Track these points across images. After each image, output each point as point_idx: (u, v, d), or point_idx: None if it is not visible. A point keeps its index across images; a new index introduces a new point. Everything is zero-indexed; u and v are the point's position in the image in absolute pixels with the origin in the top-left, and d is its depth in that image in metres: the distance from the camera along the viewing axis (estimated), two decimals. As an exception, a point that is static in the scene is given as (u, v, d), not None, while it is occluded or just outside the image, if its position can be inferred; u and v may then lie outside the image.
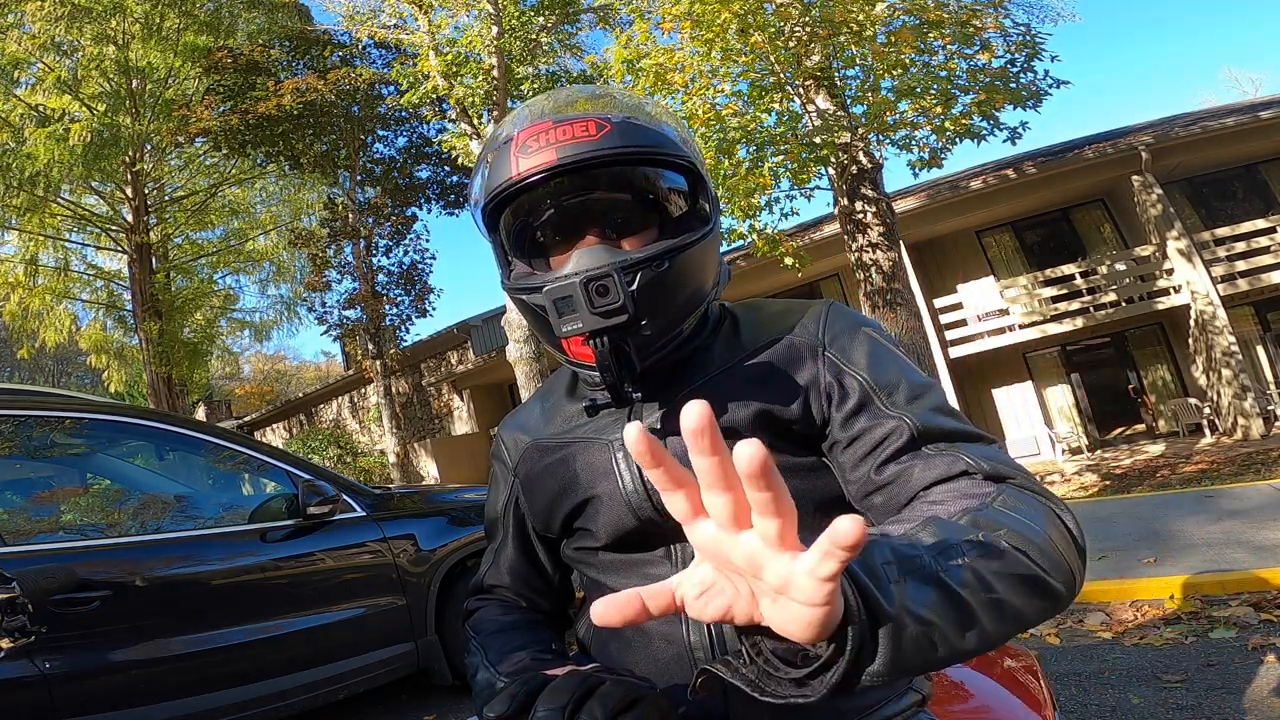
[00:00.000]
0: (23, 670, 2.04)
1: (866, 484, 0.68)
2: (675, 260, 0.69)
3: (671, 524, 0.72)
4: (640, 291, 0.67)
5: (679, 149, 0.72)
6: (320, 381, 24.45)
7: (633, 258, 0.68)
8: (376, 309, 12.37)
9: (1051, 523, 0.57)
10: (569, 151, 0.67)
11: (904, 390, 0.70)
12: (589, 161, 0.67)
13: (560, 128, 0.68)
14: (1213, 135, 9.30)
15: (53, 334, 13.95)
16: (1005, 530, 0.52)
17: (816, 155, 5.96)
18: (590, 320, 0.64)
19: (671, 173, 0.73)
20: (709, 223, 0.74)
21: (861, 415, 0.69)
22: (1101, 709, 2.39)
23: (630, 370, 0.69)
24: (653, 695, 0.58)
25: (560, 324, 0.65)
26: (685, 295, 0.72)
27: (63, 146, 10.16)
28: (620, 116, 0.70)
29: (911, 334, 6.26)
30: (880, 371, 0.71)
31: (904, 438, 0.66)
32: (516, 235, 0.75)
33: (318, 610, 2.72)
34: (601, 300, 0.63)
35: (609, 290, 0.63)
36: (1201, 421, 9.46)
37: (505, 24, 8.30)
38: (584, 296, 0.64)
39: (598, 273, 0.64)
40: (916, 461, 0.65)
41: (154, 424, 2.98)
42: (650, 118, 0.73)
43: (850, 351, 0.73)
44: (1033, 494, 0.60)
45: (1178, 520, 4.73)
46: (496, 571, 0.91)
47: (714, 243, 0.75)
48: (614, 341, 0.66)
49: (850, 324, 0.76)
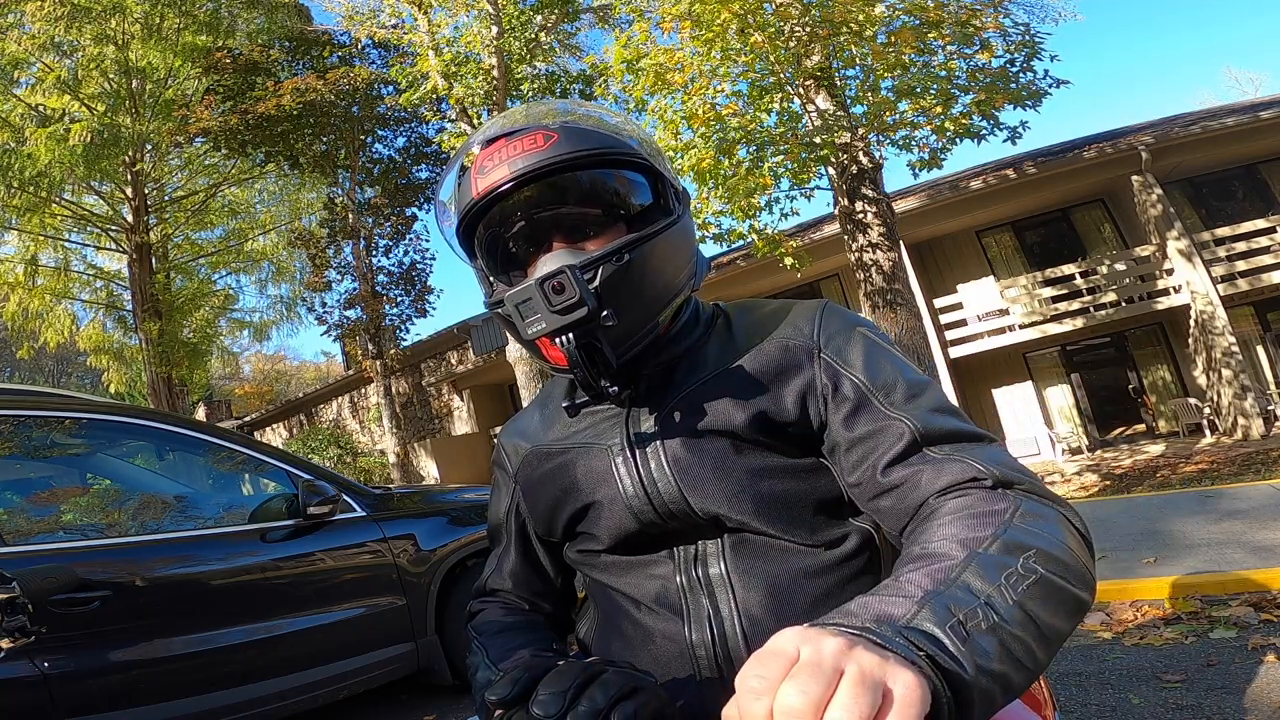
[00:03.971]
0: (23, 670, 2.05)
1: (873, 486, 0.68)
2: (637, 253, 0.70)
3: (673, 526, 0.73)
4: (604, 286, 0.68)
5: (629, 147, 0.74)
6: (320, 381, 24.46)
7: (592, 256, 0.69)
8: (376, 309, 12.38)
9: (1066, 530, 0.58)
10: (520, 164, 0.70)
11: (901, 389, 0.70)
12: (539, 170, 0.70)
13: (511, 144, 0.72)
14: (1213, 135, 9.30)
15: (53, 334, 13.94)
16: (1034, 551, 0.54)
17: (816, 155, 5.96)
18: (551, 319, 0.65)
19: (629, 172, 0.75)
20: (671, 214, 0.75)
21: (860, 416, 0.69)
22: (1101, 709, 2.39)
23: (606, 367, 0.69)
24: (653, 685, 0.59)
25: (525, 327, 0.67)
26: (653, 286, 0.73)
27: (63, 147, 10.16)
28: (567, 124, 0.73)
29: (911, 334, 6.26)
30: (876, 372, 0.71)
31: (906, 440, 0.66)
32: (490, 254, 0.77)
33: (318, 610, 2.72)
34: (559, 298, 0.64)
35: (564, 287, 0.64)
36: (1201, 421, 9.46)
37: (505, 24, 8.30)
38: (541, 297, 0.65)
39: (552, 271, 0.65)
40: (925, 466, 0.65)
41: (154, 424, 2.98)
42: (598, 123, 0.76)
43: (846, 352, 0.73)
44: (1041, 500, 0.61)
45: (1178, 520, 4.73)
46: (499, 575, 0.91)
47: (680, 234, 0.76)
48: (581, 338, 0.67)
49: (845, 324, 0.76)
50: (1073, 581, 0.54)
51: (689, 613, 0.71)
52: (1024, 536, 0.55)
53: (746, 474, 0.70)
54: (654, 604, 0.74)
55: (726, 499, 0.70)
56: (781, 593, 0.69)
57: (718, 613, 0.70)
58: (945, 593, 0.48)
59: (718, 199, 6.32)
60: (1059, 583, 0.53)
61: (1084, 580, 0.55)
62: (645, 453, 0.73)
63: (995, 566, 0.52)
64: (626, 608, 0.76)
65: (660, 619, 0.73)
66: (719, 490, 0.70)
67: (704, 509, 0.70)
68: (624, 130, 0.77)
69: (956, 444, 0.66)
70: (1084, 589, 0.55)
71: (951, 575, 0.51)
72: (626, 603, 0.77)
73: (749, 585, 0.70)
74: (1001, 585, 0.50)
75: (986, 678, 0.44)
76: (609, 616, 0.80)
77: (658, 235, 0.72)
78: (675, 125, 6.37)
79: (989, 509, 0.59)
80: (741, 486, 0.70)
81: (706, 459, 0.71)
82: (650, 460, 0.73)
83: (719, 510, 0.70)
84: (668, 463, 0.72)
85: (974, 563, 0.52)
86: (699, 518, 0.71)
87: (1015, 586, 0.50)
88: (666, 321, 0.76)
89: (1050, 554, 0.54)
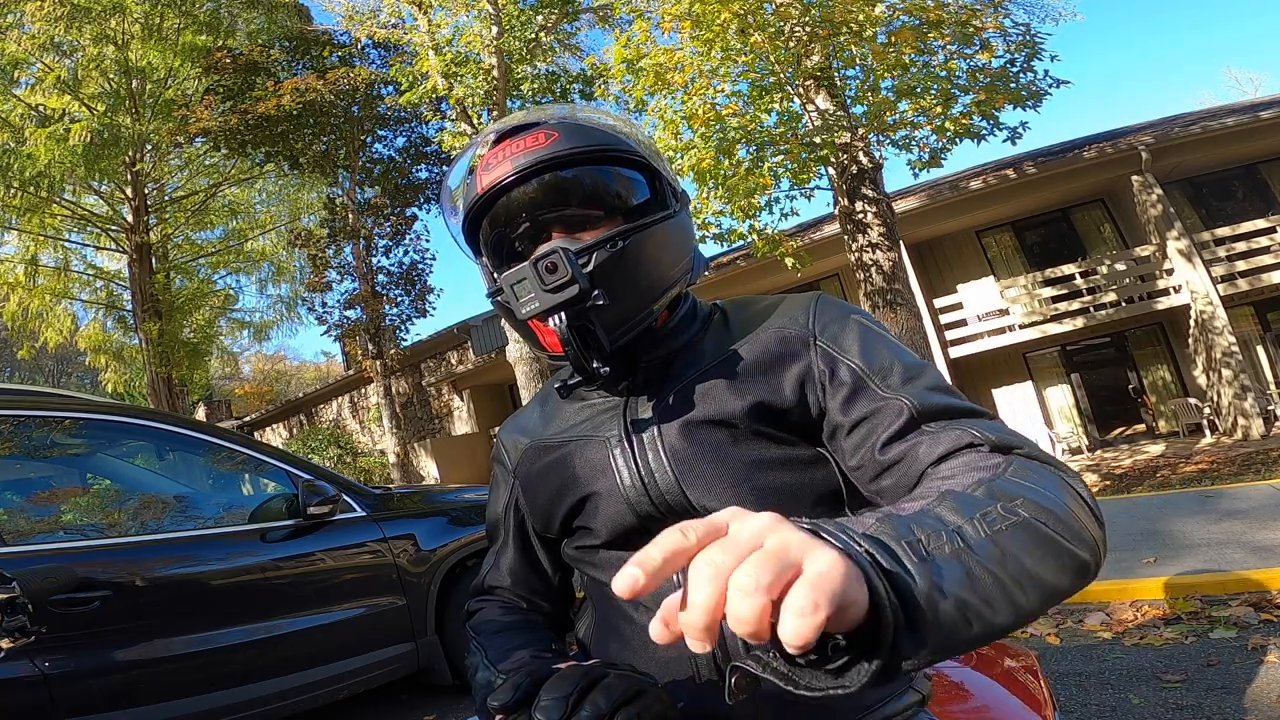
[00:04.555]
0: (23, 670, 2.04)
1: (872, 466, 0.68)
2: (631, 241, 0.72)
3: (671, 521, 0.73)
4: (598, 270, 0.70)
5: (628, 145, 0.77)
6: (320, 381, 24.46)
7: (587, 243, 0.72)
8: (376, 309, 12.36)
9: (1066, 491, 0.55)
10: (523, 160, 0.73)
11: (898, 372, 0.70)
12: (541, 165, 0.73)
13: (515, 142, 0.75)
14: (1213, 135, 9.30)
15: (53, 334, 13.95)
16: (1022, 500, 0.51)
17: (816, 155, 5.97)
18: (545, 298, 0.67)
19: (627, 169, 0.78)
20: (668, 209, 0.78)
21: (858, 400, 0.70)
22: (1101, 709, 2.39)
23: (600, 350, 0.70)
24: (655, 689, 0.58)
25: (519, 306, 0.69)
26: (648, 276, 0.74)
27: (63, 147, 10.16)
28: (567, 123, 0.77)
29: (911, 334, 6.26)
30: (872, 356, 0.72)
31: (904, 418, 0.66)
32: (496, 250, 0.79)
33: (318, 610, 2.72)
34: (551, 277, 0.67)
35: (557, 267, 0.67)
36: (1201, 421, 9.46)
37: (505, 23, 8.30)
38: (535, 276, 0.67)
39: (546, 251, 0.68)
40: (922, 439, 0.65)
41: (154, 424, 2.98)
42: (598, 123, 0.79)
43: (841, 339, 0.74)
44: (1042, 463, 0.59)
45: (1178, 520, 4.73)
46: (497, 573, 0.91)
47: (676, 228, 0.77)
48: (574, 319, 0.68)
49: (840, 313, 0.77)
50: (1066, 537, 0.50)
51: None
52: (1013, 487, 0.52)
53: (744, 465, 0.70)
54: (652, 603, 0.73)
55: (724, 491, 0.70)
56: (780, 592, 0.69)
57: None
58: (911, 517, 0.46)
59: (718, 199, 6.32)
60: (1047, 532, 0.49)
61: (1080, 539, 0.51)
62: (643, 444, 0.74)
63: (973, 504, 0.49)
64: (624, 608, 0.76)
65: (658, 619, 0.73)
66: (717, 482, 0.70)
67: (701, 503, 0.70)
68: (623, 130, 0.79)
69: (954, 419, 0.66)
70: (1080, 547, 0.51)
71: (924, 507, 0.48)
72: (624, 603, 0.76)
73: (747, 585, 0.70)
74: (976, 519, 0.47)
75: (945, 601, 0.40)
76: (607, 617, 0.80)
77: (653, 226, 0.74)
78: (675, 125, 6.37)
79: (982, 464, 0.59)
80: (739, 478, 0.70)
81: (705, 450, 0.71)
82: (648, 451, 0.73)
83: (716, 504, 0.70)
84: (666, 454, 0.72)
85: (950, 499, 0.49)
86: (696, 512, 0.71)
87: (992, 524, 0.47)
88: (662, 313, 0.77)
89: (1040, 505, 0.51)
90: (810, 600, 0.33)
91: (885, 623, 0.38)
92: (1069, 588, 0.50)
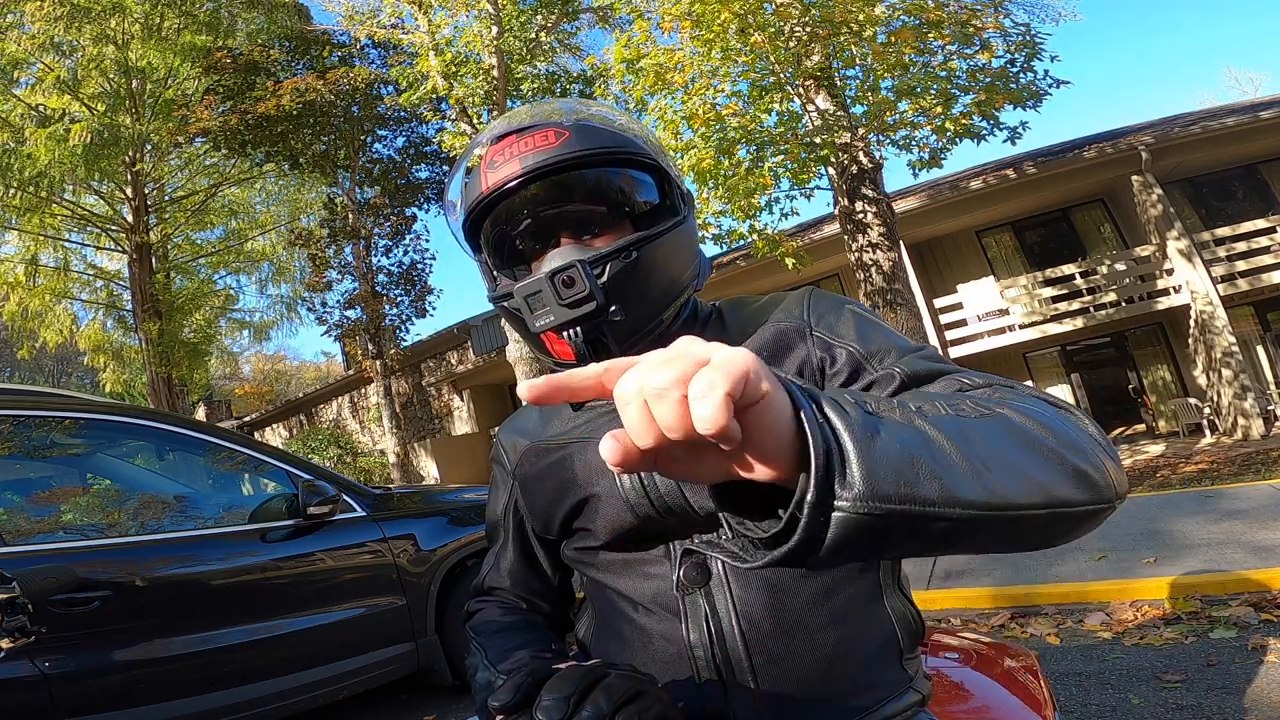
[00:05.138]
0: (23, 670, 2.04)
1: None
2: (643, 250, 0.71)
3: (671, 522, 0.73)
4: (611, 282, 0.69)
5: (638, 147, 0.76)
6: (320, 381, 24.45)
7: (601, 252, 0.70)
8: (376, 309, 12.36)
9: (1063, 413, 0.53)
10: (531, 160, 0.71)
11: (894, 355, 0.71)
12: (550, 167, 0.71)
13: (522, 140, 0.73)
14: (1213, 135, 9.30)
15: (53, 334, 13.95)
16: (1002, 406, 0.49)
17: (816, 155, 5.97)
18: (560, 312, 0.67)
19: (636, 171, 0.77)
20: (678, 214, 0.77)
21: (857, 382, 0.71)
22: (1101, 709, 2.39)
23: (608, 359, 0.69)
24: (655, 689, 0.58)
25: (534, 319, 0.68)
26: (659, 284, 0.74)
27: (63, 147, 10.16)
28: (577, 122, 0.75)
29: (911, 334, 6.26)
30: (868, 341, 0.73)
31: (895, 383, 0.68)
32: (497, 249, 0.78)
33: (318, 610, 2.72)
34: (568, 291, 0.66)
35: (574, 281, 0.66)
36: (1201, 421, 9.46)
37: (505, 24, 8.30)
38: (552, 290, 0.66)
39: (563, 265, 0.67)
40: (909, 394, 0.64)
41: (154, 424, 2.98)
42: (607, 122, 0.78)
43: (837, 326, 0.75)
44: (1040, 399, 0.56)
45: (1178, 520, 4.73)
46: (497, 574, 0.91)
47: (685, 233, 0.77)
48: (588, 333, 0.68)
49: (834, 303, 0.79)
50: (1054, 442, 0.47)
51: (686, 613, 0.71)
52: (993, 404, 0.50)
53: None
54: (651, 604, 0.74)
55: None
56: (779, 592, 0.69)
57: (715, 613, 0.70)
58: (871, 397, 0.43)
59: (718, 199, 6.32)
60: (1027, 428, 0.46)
61: (1077, 449, 0.48)
62: None
63: (942, 399, 0.47)
64: (624, 608, 0.76)
65: (658, 619, 0.73)
66: None
67: (701, 505, 0.70)
68: (632, 130, 0.78)
69: (945, 375, 0.68)
70: (1076, 456, 0.47)
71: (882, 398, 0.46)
72: (624, 603, 0.77)
73: (747, 585, 0.70)
74: (939, 402, 0.45)
75: (888, 442, 0.38)
76: (607, 617, 0.80)
77: (665, 234, 0.74)
78: (675, 125, 6.37)
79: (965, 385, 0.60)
80: None
81: None
82: None
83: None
84: None
85: (916, 397, 0.47)
86: (696, 515, 0.70)
87: (960, 412, 0.45)
88: (670, 319, 0.77)
89: (1022, 411, 0.48)
90: (707, 380, 0.33)
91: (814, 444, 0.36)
92: (1072, 495, 0.45)
